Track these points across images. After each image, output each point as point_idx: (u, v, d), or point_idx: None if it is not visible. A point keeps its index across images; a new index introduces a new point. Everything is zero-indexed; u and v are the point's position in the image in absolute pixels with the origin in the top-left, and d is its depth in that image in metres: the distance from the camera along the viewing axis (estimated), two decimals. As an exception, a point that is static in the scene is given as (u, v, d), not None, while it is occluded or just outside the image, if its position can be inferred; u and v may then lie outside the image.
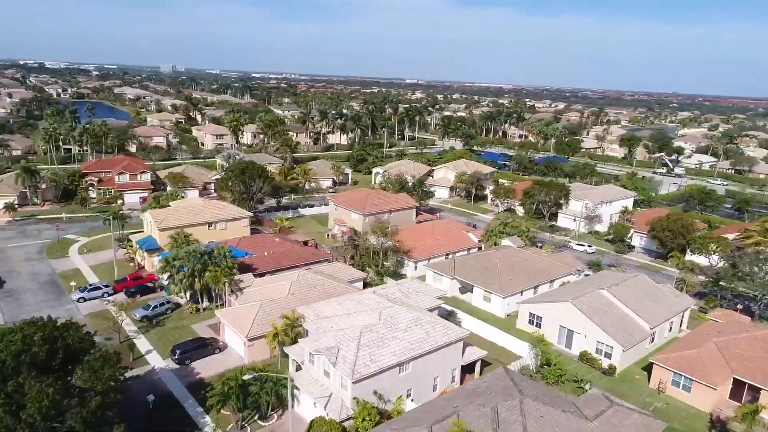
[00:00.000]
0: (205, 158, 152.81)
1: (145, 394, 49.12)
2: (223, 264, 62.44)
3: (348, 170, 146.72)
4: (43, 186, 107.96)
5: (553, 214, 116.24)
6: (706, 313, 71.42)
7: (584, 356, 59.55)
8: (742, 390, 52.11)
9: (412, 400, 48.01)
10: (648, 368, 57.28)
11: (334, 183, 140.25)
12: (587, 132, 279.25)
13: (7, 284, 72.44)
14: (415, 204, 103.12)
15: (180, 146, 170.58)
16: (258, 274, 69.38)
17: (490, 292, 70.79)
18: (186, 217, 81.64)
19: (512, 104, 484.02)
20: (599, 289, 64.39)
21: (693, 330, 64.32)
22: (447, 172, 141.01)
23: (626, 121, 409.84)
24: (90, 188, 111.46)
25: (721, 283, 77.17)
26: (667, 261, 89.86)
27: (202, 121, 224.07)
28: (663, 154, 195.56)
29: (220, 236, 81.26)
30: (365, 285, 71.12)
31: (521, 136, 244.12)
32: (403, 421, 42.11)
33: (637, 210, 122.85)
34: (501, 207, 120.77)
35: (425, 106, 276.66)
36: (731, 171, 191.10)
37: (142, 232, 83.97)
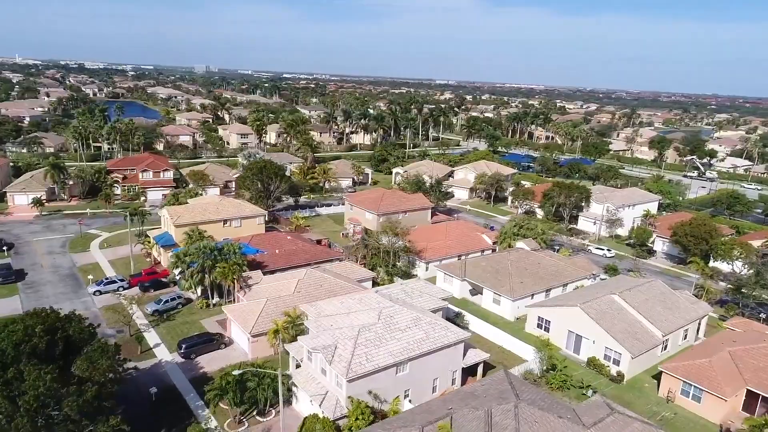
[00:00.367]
0: (228, 157, 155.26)
1: (150, 386, 50.20)
2: (231, 260, 63.28)
3: (368, 170, 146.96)
4: (70, 182, 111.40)
5: (574, 217, 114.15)
6: (725, 322, 69.06)
7: (592, 362, 58.27)
8: (756, 402, 50.21)
9: (410, 401, 47.76)
10: (658, 377, 55.69)
11: (353, 183, 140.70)
12: (617, 134, 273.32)
13: (29, 276, 74.99)
14: (431, 204, 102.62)
15: (205, 145, 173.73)
16: (269, 271, 70.10)
17: (500, 295, 69.95)
18: (201, 214, 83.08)
19: (542, 105, 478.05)
20: (610, 294, 62.92)
21: (707, 338, 62.29)
22: (467, 173, 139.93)
23: (660, 123, 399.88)
24: (115, 185, 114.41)
25: (743, 290, 74.49)
26: (689, 267, 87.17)
27: (230, 121, 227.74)
28: (694, 157, 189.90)
29: (235, 233, 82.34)
30: (374, 285, 71.07)
31: (547, 138, 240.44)
32: (396, 421, 41.99)
33: (663, 214, 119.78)
34: (521, 209, 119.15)
35: (451, 106, 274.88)
36: (767, 175, 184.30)
37: (161, 228, 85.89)
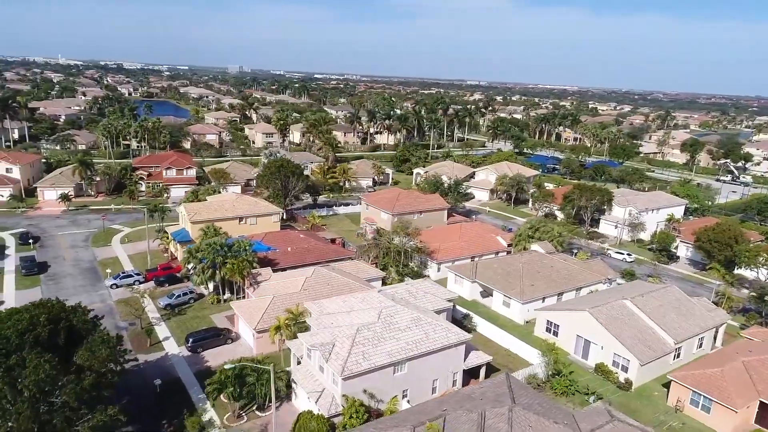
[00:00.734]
0: (252, 156, 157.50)
1: (156, 378, 51.42)
2: (241, 257, 64.21)
3: (389, 170, 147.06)
4: (97, 179, 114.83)
5: (595, 221, 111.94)
6: (744, 331, 66.64)
7: (600, 368, 57.04)
8: (769, 415, 48.38)
9: (408, 402, 47.64)
10: (668, 385, 54.13)
11: (374, 183, 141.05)
12: (649, 136, 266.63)
13: (51, 269, 77.67)
14: (447, 205, 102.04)
15: (231, 144, 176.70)
16: (280, 269, 70.96)
17: (510, 297, 69.11)
18: (217, 211, 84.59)
19: (573, 107, 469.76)
20: (622, 299, 61.47)
21: (722, 347, 60.27)
22: (488, 174, 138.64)
23: (696, 125, 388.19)
24: (140, 182, 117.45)
25: (766, 299, 71.74)
26: (717, 272, 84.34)
27: (257, 120, 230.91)
28: (728, 160, 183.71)
29: (250, 231, 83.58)
30: (384, 284, 71.09)
31: (575, 140, 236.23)
32: (390, 421, 41.96)
33: (690, 218, 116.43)
34: (540, 211, 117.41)
35: (477, 107, 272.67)
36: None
37: (179, 224, 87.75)
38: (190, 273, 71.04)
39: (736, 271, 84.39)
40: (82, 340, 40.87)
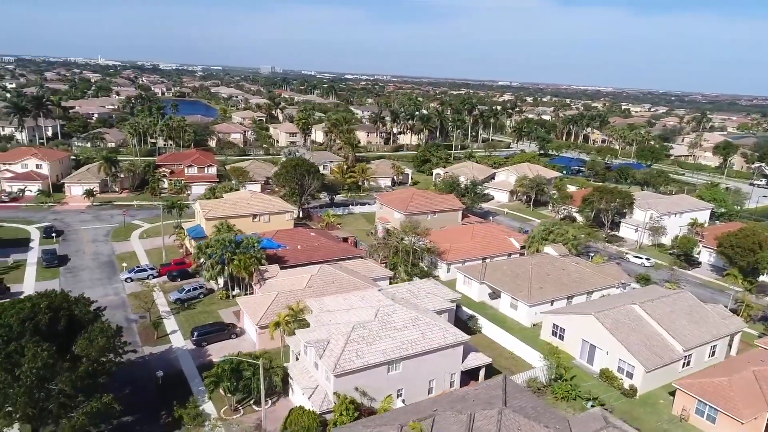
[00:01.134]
0: (273, 155, 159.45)
1: (162, 370, 52.61)
2: (248, 254, 65.15)
3: (408, 170, 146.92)
4: (122, 175, 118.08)
5: (616, 224, 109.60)
6: (758, 339, 64.20)
7: (605, 374, 55.85)
8: (779, 427, 46.57)
9: (403, 401, 47.60)
10: (675, 393, 52.65)
11: (393, 182, 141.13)
12: (682, 138, 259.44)
13: (71, 262, 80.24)
14: (461, 206, 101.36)
15: (254, 143, 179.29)
16: (289, 266, 71.65)
17: (517, 300, 68.29)
18: (232, 208, 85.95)
19: (605, 108, 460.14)
20: (631, 304, 60.06)
21: (735, 356, 58.28)
22: (508, 176, 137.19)
23: (734, 127, 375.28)
24: (162, 179, 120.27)
25: (787, 307, 69.09)
26: (734, 279, 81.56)
27: (282, 120, 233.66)
28: (762, 164, 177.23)
29: (263, 228, 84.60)
30: (392, 284, 71.06)
31: (603, 141, 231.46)
32: (379, 419, 42.02)
33: (716, 223, 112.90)
34: (559, 214, 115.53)
35: (504, 108, 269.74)
36: None
37: (195, 221, 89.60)
38: (201, 268, 72.38)
39: (761, 278, 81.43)
40: (83, 330, 42.16)
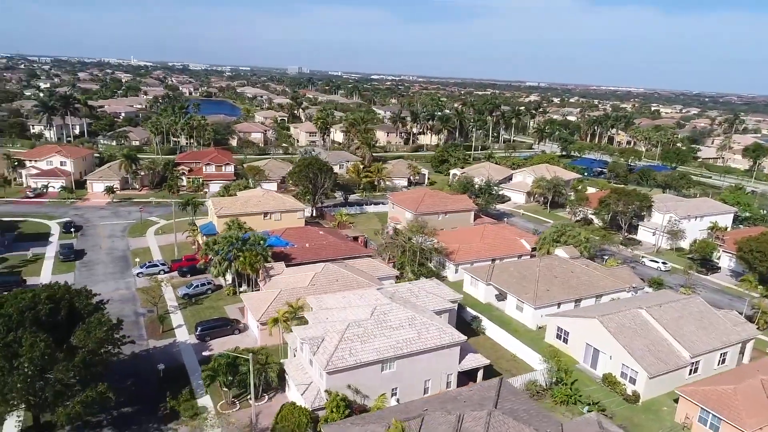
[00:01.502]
0: (292, 154, 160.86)
1: (164, 363, 53.65)
2: (253, 251, 65.87)
3: (425, 171, 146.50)
4: (142, 173, 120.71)
5: (634, 227, 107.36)
6: (775, 348, 62.22)
7: (607, 379, 54.79)
8: (786, 439, 44.90)
9: (397, 400, 47.52)
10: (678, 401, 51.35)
11: (409, 183, 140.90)
12: (712, 141, 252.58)
13: (87, 256, 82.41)
14: (474, 207, 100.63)
15: (273, 142, 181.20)
16: (295, 263, 72.32)
17: (522, 302, 67.49)
18: (243, 206, 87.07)
19: (634, 109, 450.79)
20: (637, 308, 58.76)
21: (745, 364, 56.49)
22: (526, 177, 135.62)
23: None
24: (181, 176, 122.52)
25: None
26: (749, 284, 79.06)
27: (304, 120, 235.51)
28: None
29: (274, 226, 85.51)
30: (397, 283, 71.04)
31: (629, 143, 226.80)
32: (369, 418, 42.03)
33: (740, 227, 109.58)
34: (575, 216, 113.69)
35: (528, 109, 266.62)
36: None
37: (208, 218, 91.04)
38: (209, 264, 73.44)
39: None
40: (82, 322, 43.28)
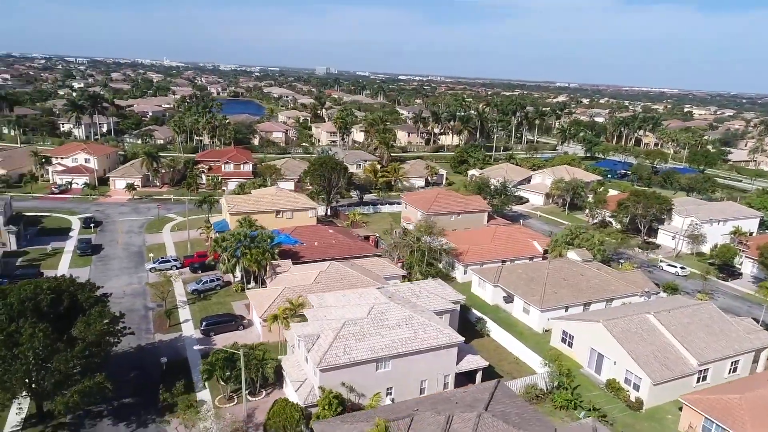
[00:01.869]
0: (311, 154, 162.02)
1: (167, 356, 54.74)
2: (260, 248, 66.56)
3: (443, 171, 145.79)
4: (162, 170, 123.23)
5: (654, 230, 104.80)
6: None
7: (611, 384, 53.61)
8: (794, 452, 43.22)
9: (392, 400, 47.42)
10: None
11: (426, 183, 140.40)
12: (745, 143, 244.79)
13: (104, 251, 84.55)
14: (487, 208, 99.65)
15: (293, 141, 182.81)
16: (303, 261, 72.85)
17: (529, 304, 66.57)
18: (256, 204, 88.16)
19: (666, 110, 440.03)
20: (645, 314, 57.35)
21: (758, 373, 54.55)
22: (545, 178, 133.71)
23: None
24: (201, 174, 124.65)
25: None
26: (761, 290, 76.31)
27: (327, 119, 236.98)
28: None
29: (286, 224, 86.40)
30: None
31: (656, 144, 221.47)
32: (360, 416, 42.01)
33: (766, 232, 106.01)
34: (592, 219, 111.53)
35: (553, 109, 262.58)
36: None
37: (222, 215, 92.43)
38: (218, 261, 74.52)
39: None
40: (84, 314, 44.44)
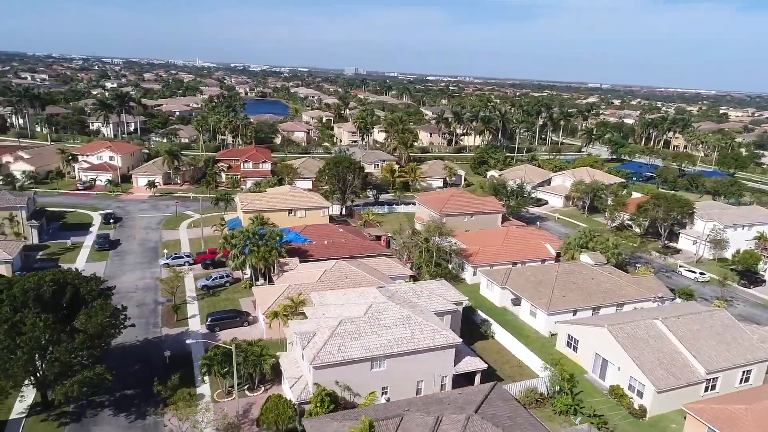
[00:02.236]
0: (330, 154, 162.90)
1: (172, 350, 55.83)
2: (267, 245, 67.29)
3: (461, 172, 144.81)
4: (183, 169, 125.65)
5: (675, 235, 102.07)
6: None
7: (614, 391, 52.43)
8: (801, 466, 41.54)
9: (388, 399, 47.32)
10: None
11: (445, 183, 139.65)
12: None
13: (121, 246, 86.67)
14: (501, 209, 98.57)
15: (314, 141, 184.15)
16: (312, 260, 73.35)
17: (536, 307, 65.59)
18: (269, 202, 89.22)
19: (701, 112, 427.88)
20: (653, 319, 55.89)
21: (767, 384, 52.59)
22: (565, 180, 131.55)
23: None
24: (220, 173, 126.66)
25: None
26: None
27: (350, 120, 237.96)
28: None
29: (298, 222, 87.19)
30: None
31: (685, 147, 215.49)
32: (349, 414, 42.08)
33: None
34: (611, 221, 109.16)
35: (580, 110, 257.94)
36: None
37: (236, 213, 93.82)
38: (228, 258, 75.56)
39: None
40: (86, 306, 45.65)
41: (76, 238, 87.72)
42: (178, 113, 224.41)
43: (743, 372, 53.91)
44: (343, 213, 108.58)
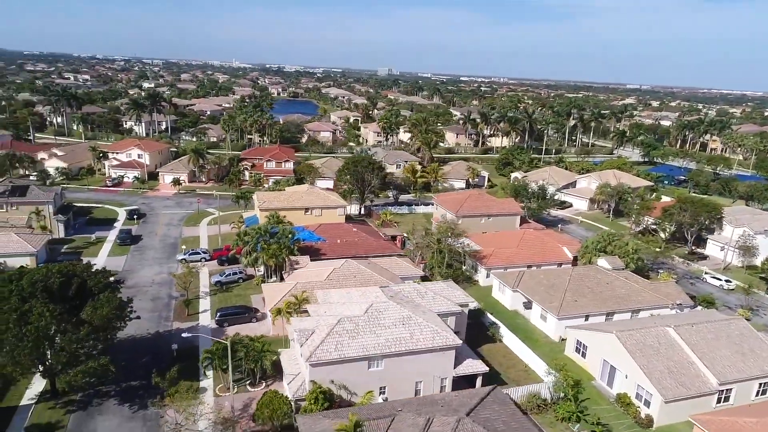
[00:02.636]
0: (353, 153, 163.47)
1: (180, 344, 56.95)
2: (279, 243, 68.00)
3: (485, 173, 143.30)
4: (208, 167, 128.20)
5: (703, 240, 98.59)
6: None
7: (621, 399, 51.02)
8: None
9: (385, 399, 47.21)
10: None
11: (467, 184, 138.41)
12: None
13: (142, 242, 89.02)
14: (520, 211, 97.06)
15: (339, 141, 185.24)
16: (323, 258, 73.75)
17: (546, 311, 64.35)
18: (285, 201, 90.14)
19: (743, 114, 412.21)
20: (665, 327, 54.11)
21: (785, 398, 50.19)
22: (590, 183, 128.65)
23: None
24: (244, 171, 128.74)
25: None
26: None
27: (377, 120, 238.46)
28: None
29: (315, 221, 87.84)
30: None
31: (723, 150, 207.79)
32: (341, 412, 42.07)
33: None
34: (635, 226, 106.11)
35: (613, 112, 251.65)
36: None
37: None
38: (241, 255, 76.70)
39: None
40: (93, 298, 47.03)
41: (101, 233, 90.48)
42: (209, 113, 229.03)
43: (760, 384, 51.67)
44: (362, 212, 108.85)
